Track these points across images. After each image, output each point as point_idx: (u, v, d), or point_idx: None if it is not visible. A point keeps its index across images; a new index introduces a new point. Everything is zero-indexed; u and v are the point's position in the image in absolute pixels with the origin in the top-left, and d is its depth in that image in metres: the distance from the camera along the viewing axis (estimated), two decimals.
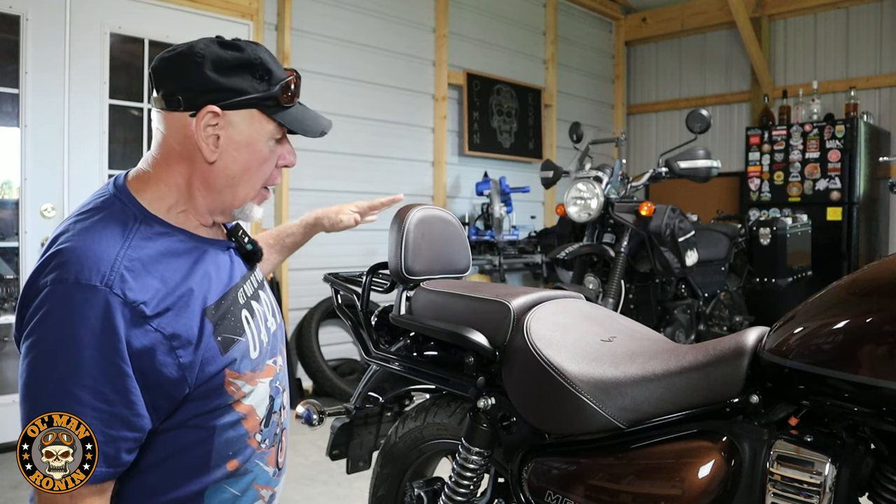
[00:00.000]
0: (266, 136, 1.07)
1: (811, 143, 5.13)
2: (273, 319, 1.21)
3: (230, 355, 1.03)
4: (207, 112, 1.02)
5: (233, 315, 1.07)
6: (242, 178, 1.08)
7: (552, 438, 1.28)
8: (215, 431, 1.03)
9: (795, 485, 0.96)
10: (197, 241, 1.07)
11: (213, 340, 1.01)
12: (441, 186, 4.91)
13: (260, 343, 1.12)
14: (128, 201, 1.03)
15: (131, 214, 1.01)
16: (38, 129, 3.09)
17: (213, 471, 1.04)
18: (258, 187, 1.11)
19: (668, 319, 3.54)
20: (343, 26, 4.31)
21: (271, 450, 1.14)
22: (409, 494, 1.59)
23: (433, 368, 1.49)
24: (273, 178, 1.13)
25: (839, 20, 5.63)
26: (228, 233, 1.19)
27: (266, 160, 1.09)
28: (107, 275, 0.91)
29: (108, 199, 1.03)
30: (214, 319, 1.02)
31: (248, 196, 1.10)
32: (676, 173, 3.38)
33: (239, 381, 1.05)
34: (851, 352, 0.90)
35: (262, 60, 1.05)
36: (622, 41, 6.71)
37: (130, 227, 0.99)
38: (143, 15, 3.43)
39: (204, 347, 0.99)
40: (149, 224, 1.02)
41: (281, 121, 1.07)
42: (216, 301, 1.04)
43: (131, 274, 0.94)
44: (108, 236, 0.97)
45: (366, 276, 1.69)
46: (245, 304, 1.12)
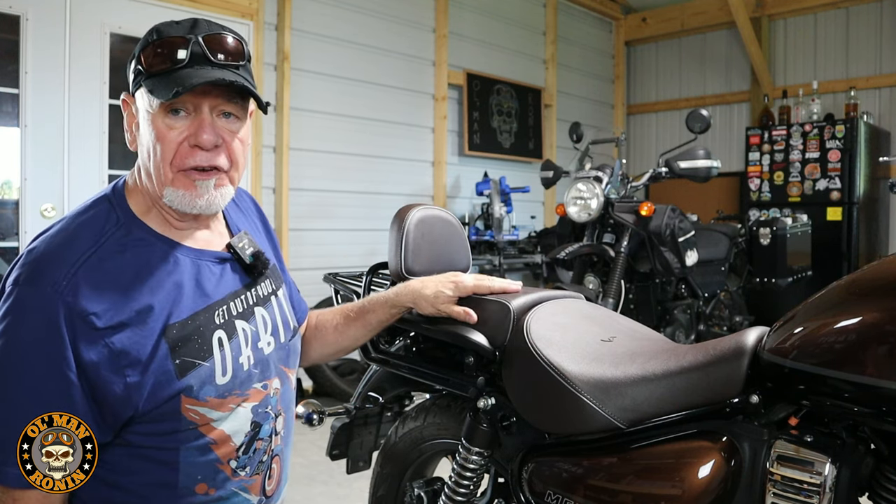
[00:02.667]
0: (155, 111, 0.96)
1: (811, 143, 5.13)
2: (273, 339, 1.11)
3: (185, 381, 0.95)
4: (123, 101, 1.03)
5: (200, 337, 0.98)
6: (150, 163, 0.98)
7: (552, 438, 1.27)
8: (179, 453, 0.96)
9: (795, 485, 0.96)
10: (177, 252, 1.01)
11: (168, 363, 0.94)
12: (441, 186, 4.91)
13: (236, 367, 1.02)
14: (117, 204, 1.00)
15: (114, 219, 0.98)
16: (38, 129, 3.09)
17: (183, 494, 0.98)
18: (167, 171, 0.97)
19: (668, 319, 3.54)
20: (343, 26, 4.31)
21: (255, 478, 1.06)
22: (409, 494, 1.59)
23: (433, 368, 1.49)
24: (182, 158, 0.97)
25: (839, 20, 5.63)
26: (228, 244, 1.10)
27: (162, 137, 0.96)
28: (59, 281, 0.89)
29: (99, 200, 1.01)
30: (174, 340, 0.95)
31: (163, 181, 0.98)
32: (676, 173, 3.38)
33: (200, 408, 0.97)
34: (851, 352, 0.90)
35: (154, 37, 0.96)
36: (622, 41, 6.71)
37: (105, 233, 0.96)
38: (143, 15, 3.42)
39: (155, 370, 0.92)
40: (128, 230, 0.98)
41: (149, 87, 0.95)
42: (182, 320, 0.97)
43: (87, 283, 0.90)
44: (78, 240, 0.94)
45: (366, 276, 1.69)
46: (224, 324, 1.02)
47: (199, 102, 0.97)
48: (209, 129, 0.97)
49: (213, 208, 1.02)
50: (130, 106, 1.01)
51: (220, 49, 0.97)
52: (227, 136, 1.00)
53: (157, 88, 0.94)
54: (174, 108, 0.96)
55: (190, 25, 0.98)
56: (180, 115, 0.97)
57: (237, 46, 1.00)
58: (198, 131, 0.97)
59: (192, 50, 0.95)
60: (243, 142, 1.04)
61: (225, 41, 0.98)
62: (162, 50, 0.95)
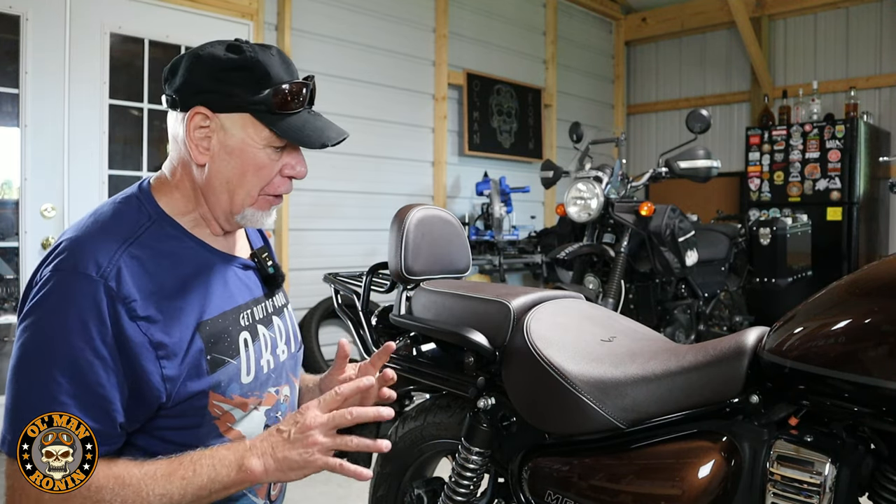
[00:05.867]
0: (261, 143, 1.03)
1: (811, 143, 5.13)
2: (286, 347, 1.17)
3: (216, 377, 1.00)
4: (196, 113, 1.01)
5: (229, 336, 1.03)
6: (238, 184, 1.04)
7: (552, 438, 1.28)
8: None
9: (795, 485, 0.96)
10: (208, 252, 1.06)
11: (202, 358, 0.98)
12: (441, 186, 4.91)
13: (258, 369, 1.07)
14: (146, 201, 1.04)
15: (146, 214, 1.02)
16: (38, 129, 3.09)
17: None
18: (255, 194, 1.06)
19: (668, 319, 3.54)
20: (343, 26, 4.31)
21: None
22: (409, 494, 1.59)
23: (433, 368, 1.49)
24: (276, 187, 1.07)
25: (839, 20, 5.63)
26: (253, 253, 1.17)
27: (263, 167, 1.04)
28: (104, 266, 0.92)
29: (129, 198, 1.05)
30: (207, 336, 0.99)
31: (245, 202, 1.05)
32: (676, 173, 3.38)
33: (225, 405, 1.02)
34: (851, 352, 0.90)
35: (259, 63, 1.01)
36: (622, 41, 6.71)
37: (141, 226, 1.00)
38: (143, 15, 3.42)
39: (189, 363, 0.96)
40: (161, 226, 1.02)
41: (274, 128, 1.02)
42: (213, 317, 1.02)
43: (129, 270, 0.93)
44: (115, 231, 0.97)
45: (366, 276, 1.69)
46: (248, 326, 1.07)
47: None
48: (304, 162, 1.10)
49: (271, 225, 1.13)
50: (211, 122, 1.02)
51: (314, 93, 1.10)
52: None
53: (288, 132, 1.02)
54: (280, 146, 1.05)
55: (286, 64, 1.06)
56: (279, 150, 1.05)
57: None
58: (297, 165, 1.08)
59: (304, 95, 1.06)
60: None
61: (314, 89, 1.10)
62: (292, 95, 1.03)
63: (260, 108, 1.01)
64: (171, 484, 0.91)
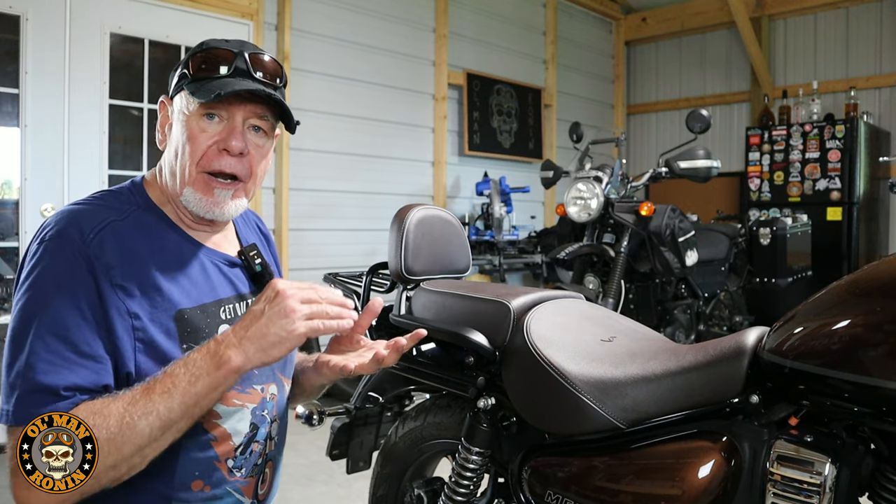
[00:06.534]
0: (190, 112, 1.03)
1: (811, 143, 5.13)
2: None
3: None
4: (160, 103, 1.10)
5: (207, 327, 1.02)
6: (176, 160, 1.04)
7: (552, 438, 1.27)
8: (179, 446, 0.97)
9: (795, 485, 0.96)
10: (191, 244, 1.07)
11: (176, 346, 0.98)
12: (441, 186, 4.91)
13: None
14: (137, 193, 1.08)
15: (135, 202, 1.05)
16: (38, 129, 3.09)
17: (179, 489, 1.00)
18: (192, 170, 1.03)
19: (668, 319, 3.54)
20: (343, 26, 4.31)
21: (249, 480, 1.09)
22: (409, 494, 1.59)
23: (433, 368, 1.49)
24: (209, 160, 1.03)
25: (839, 20, 5.63)
26: (241, 251, 1.16)
27: (194, 138, 1.02)
28: (86, 234, 0.95)
29: (121, 188, 1.09)
30: (184, 326, 0.99)
31: (185, 179, 1.03)
32: (676, 173, 3.38)
33: None
34: (851, 352, 0.90)
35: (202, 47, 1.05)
36: (622, 41, 6.71)
37: (128, 210, 1.03)
38: (143, 15, 3.43)
39: (164, 349, 0.97)
40: (147, 214, 1.05)
41: (191, 90, 1.02)
42: (192, 307, 1.02)
43: (111, 243, 0.96)
44: (101, 210, 1.01)
45: (366, 276, 1.69)
46: (230, 321, 1.06)
47: (233, 111, 1.04)
48: (239, 135, 1.04)
49: (225, 216, 1.08)
50: (167, 108, 1.09)
51: (261, 67, 1.06)
52: (253, 148, 1.07)
53: (199, 91, 1.01)
54: (210, 112, 1.03)
55: (239, 43, 1.07)
56: (214, 120, 1.04)
57: (277, 69, 1.09)
58: (228, 136, 1.03)
59: (236, 64, 1.04)
60: (266, 158, 1.11)
61: (267, 62, 1.07)
62: (209, 58, 1.04)
63: (186, 79, 1.05)
64: (152, 401, 0.89)
